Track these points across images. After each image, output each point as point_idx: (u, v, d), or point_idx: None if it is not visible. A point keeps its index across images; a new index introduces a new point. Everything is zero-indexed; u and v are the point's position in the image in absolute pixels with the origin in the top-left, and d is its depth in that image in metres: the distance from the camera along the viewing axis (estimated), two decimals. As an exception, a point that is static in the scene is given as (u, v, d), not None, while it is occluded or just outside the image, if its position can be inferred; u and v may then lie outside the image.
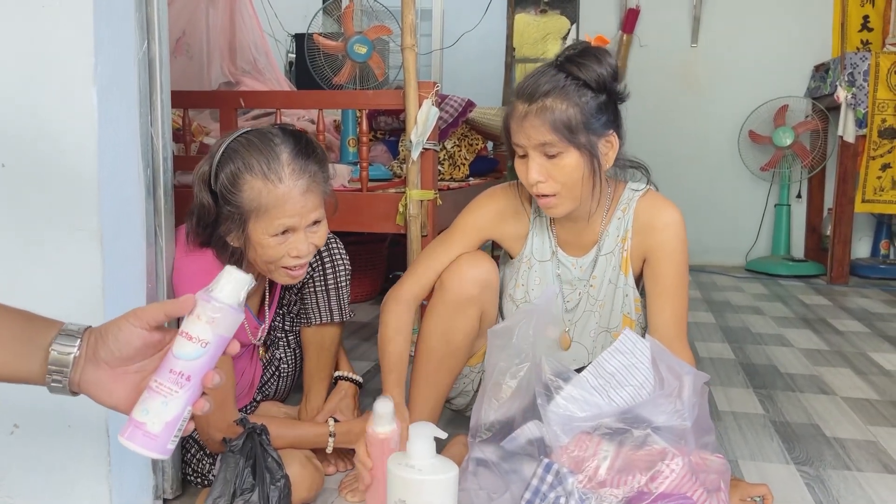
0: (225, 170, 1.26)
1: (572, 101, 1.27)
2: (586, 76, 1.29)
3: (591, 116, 1.29)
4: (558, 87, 1.28)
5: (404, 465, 1.07)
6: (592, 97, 1.29)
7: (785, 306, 3.17)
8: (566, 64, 1.30)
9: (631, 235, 1.41)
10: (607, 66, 1.30)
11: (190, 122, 2.20)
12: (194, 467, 1.38)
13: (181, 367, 0.74)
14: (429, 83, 2.02)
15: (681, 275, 1.39)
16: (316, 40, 2.49)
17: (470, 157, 2.92)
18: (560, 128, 1.27)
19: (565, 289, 1.47)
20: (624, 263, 1.42)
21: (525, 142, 1.30)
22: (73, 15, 1.04)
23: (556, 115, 1.27)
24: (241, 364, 1.52)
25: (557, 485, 1.10)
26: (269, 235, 1.27)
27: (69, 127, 1.07)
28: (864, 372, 2.20)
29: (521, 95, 1.31)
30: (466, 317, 1.40)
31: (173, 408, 0.74)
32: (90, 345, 0.76)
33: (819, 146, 3.97)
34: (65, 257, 1.09)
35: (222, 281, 0.76)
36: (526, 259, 1.47)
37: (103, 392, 0.77)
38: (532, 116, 1.28)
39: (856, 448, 1.63)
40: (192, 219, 1.31)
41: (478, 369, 1.51)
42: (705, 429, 1.16)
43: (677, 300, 1.39)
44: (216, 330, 0.75)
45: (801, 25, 4.16)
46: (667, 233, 1.38)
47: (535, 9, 4.63)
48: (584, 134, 1.28)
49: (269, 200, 1.25)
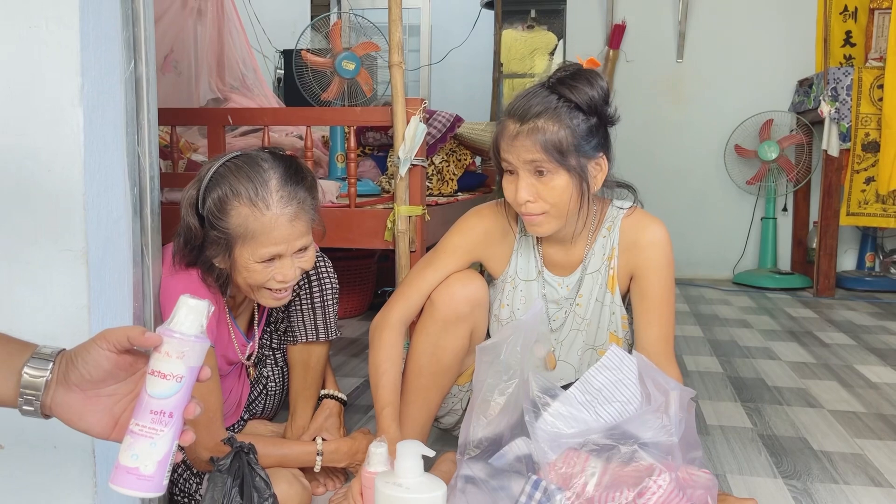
0: (212, 195, 1.26)
1: (564, 123, 1.28)
2: (578, 99, 1.29)
3: (582, 139, 1.29)
4: (550, 109, 1.28)
5: (392, 483, 1.07)
6: (583, 120, 1.29)
7: (772, 319, 3.19)
8: (558, 86, 1.31)
9: (617, 254, 1.41)
10: (599, 89, 1.30)
11: (178, 138, 2.20)
12: (181, 487, 1.37)
13: (161, 405, 0.74)
14: (416, 100, 2.03)
15: (667, 291, 1.40)
16: (304, 57, 2.50)
17: (458, 172, 2.93)
18: (551, 149, 1.27)
19: (551, 308, 1.47)
20: (610, 281, 1.42)
21: (515, 160, 1.30)
22: (60, 36, 1.04)
23: (547, 136, 1.27)
24: (229, 382, 1.52)
25: (546, 501, 1.10)
26: (255, 262, 1.27)
27: (56, 147, 1.07)
28: (851, 385, 2.22)
29: (513, 115, 1.31)
30: (456, 336, 1.40)
31: (162, 446, 0.75)
32: (61, 368, 0.76)
33: (804, 160, 4.01)
34: (51, 277, 1.09)
35: (181, 312, 0.76)
36: (510, 279, 1.47)
37: (74, 415, 0.77)
38: (523, 137, 1.28)
39: (843, 461, 1.64)
40: (178, 240, 1.31)
41: (466, 388, 1.51)
42: (692, 444, 1.17)
43: (664, 317, 1.39)
44: (187, 363, 0.75)
45: (785, 41, 4.21)
46: (652, 250, 1.39)
47: (522, 24, 4.67)
48: (575, 156, 1.29)
49: (256, 227, 1.25)
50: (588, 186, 1.33)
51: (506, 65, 4.48)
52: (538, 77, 4.93)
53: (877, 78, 3.54)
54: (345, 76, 2.42)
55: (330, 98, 2.48)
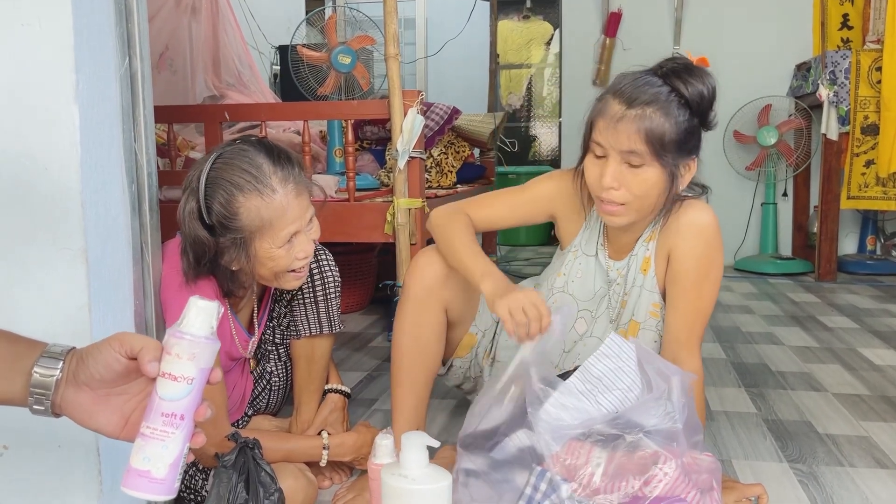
0: (216, 200, 1.24)
1: (671, 116, 1.23)
2: (690, 94, 1.25)
3: (683, 136, 1.25)
4: (661, 99, 1.23)
5: (397, 474, 1.07)
6: (689, 118, 1.25)
7: (774, 304, 3.19)
8: (671, 77, 1.26)
9: (658, 236, 1.38)
10: (710, 88, 1.27)
11: (175, 136, 2.20)
12: (187, 483, 1.37)
13: (172, 408, 0.74)
14: (413, 91, 2.02)
15: (701, 278, 1.32)
16: (300, 52, 2.49)
17: (457, 164, 2.92)
18: (654, 140, 1.22)
19: (603, 289, 1.45)
20: (645, 262, 1.39)
21: (612, 143, 1.25)
22: (53, 33, 1.04)
23: (653, 125, 1.22)
24: (233, 378, 1.51)
25: (551, 493, 1.09)
26: (277, 247, 1.27)
27: (52, 145, 1.06)
28: (855, 368, 2.22)
29: (620, 96, 1.26)
30: (431, 312, 1.42)
31: (173, 449, 0.74)
32: (71, 367, 0.76)
33: (803, 144, 3.99)
34: (50, 276, 1.08)
35: (191, 314, 0.76)
36: (574, 249, 1.47)
37: (84, 414, 0.77)
38: (627, 121, 1.23)
39: (848, 444, 1.64)
40: (187, 257, 1.28)
41: (468, 359, 1.55)
42: (694, 428, 1.16)
43: (692, 304, 1.33)
44: (198, 364, 0.75)
45: (782, 25, 4.19)
46: (689, 231, 1.32)
47: (518, 15, 4.65)
48: (673, 153, 1.24)
49: (270, 214, 1.25)
50: (675, 185, 1.28)
51: (502, 55, 4.47)
52: (534, 68, 4.92)
53: (875, 60, 3.53)
54: (341, 70, 2.41)
55: (326, 93, 2.47)
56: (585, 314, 1.47)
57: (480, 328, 1.54)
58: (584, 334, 1.47)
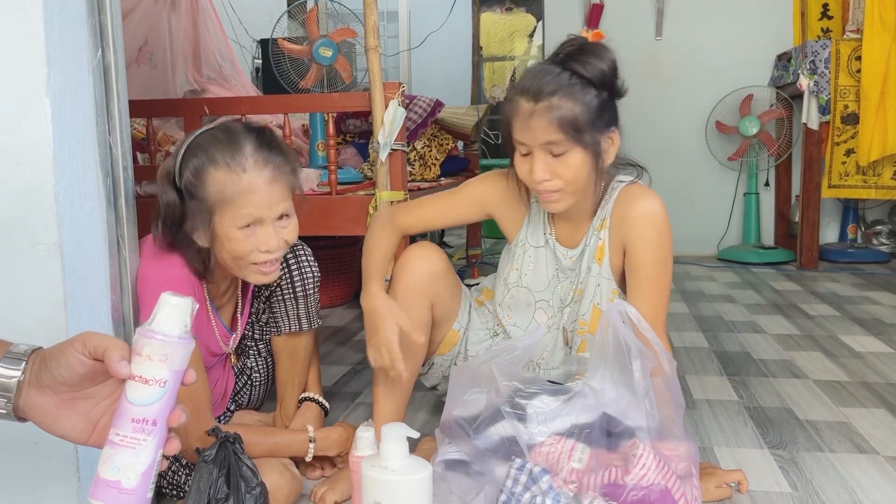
0: (189, 165, 1.26)
1: (578, 99, 1.27)
2: (590, 74, 1.28)
3: (596, 114, 1.28)
4: (563, 86, 1.27)
5: (378, 466, 1.06)
6: (596, 95, 1.28)
7: (757, 293, 3.21)
8: (569, 61, 1.29)
9: (609, 225, 1.40)
10: (608, 61, 1.29)
11: (155, 131, 2.18)
12: (169, 479, 1.36)
13: (143, 413, 0.69)
14: (394, 83, 2.01)
15: (658, 266, 1.36)
16: (281, 45, 2.47)
17: (441, 157, 2.92)
18: (567, 127, 1.26)
19: (559, 276, 1.48)
20: (598, 252, 1.41)
21: (531, 140, 1.29)
22: (23, 25, 1.02)
23: (563, 113, 1.26)
24: (215, 374, 1.50)
25: (532, 485, 1.10)
26: (236, 228, 1.25)
27: (24, 139, 1.05)
28: (835, 355, 2.24)
29: (525, 93, 1.29)
30: (418, 307, 1.41)
31: (145, 457, 0.69)
32: (34, 369, 0.72)
33: (784, 134, 4.02)
34: (24, 272, 1.07)
35: (163, 311, 0.70)
36: (521, 244, 1.49)
37: (48, 419, 0.72)
38: (538, 116, 1.27)
39: (828, 429, 1.66)
40: (157, 221, 1.30)
41: (448, 356, 1.54)
42: (676, 407, 1.17)
43: (654, 293, 1.36)
44: (171, 366, 0.69)
45: (763, 15, 4.21)
46: (642, 223, 1.35)
47: (500, 7, 4.64)
48: (590, 132, 1.28)
49: (234, 191, 1.24)
50: (602, 161, 1.32)
51: (485, 48, 4.46)
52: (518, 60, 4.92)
53: (854, 50, 3.55)
54: (322, 63, 2.40)
55: (308, 86, 2.45)
56: (543, 304, 1.49)
57: (462, 325, 1.54)
58: (545, 324, 1.49)
